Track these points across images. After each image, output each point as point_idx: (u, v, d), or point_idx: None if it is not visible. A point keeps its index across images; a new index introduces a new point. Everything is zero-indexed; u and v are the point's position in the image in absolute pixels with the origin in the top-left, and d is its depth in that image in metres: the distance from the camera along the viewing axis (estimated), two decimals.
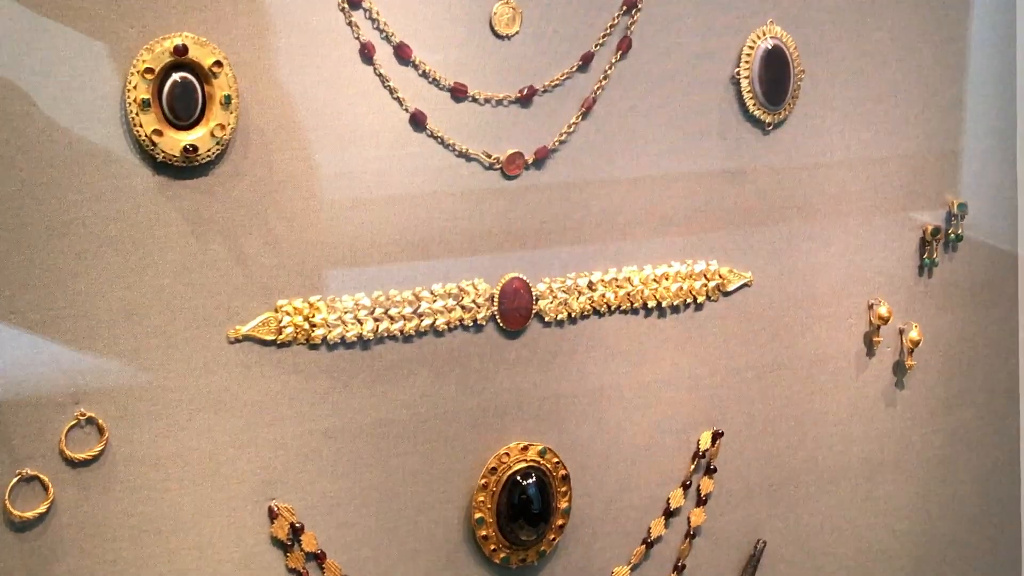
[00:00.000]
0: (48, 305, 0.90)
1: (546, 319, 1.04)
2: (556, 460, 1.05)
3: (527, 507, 1.03)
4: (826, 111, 1.13)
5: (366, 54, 0.96)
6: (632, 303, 1.07)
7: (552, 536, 1.05)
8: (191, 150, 0.91)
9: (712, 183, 1.09)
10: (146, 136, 0.90)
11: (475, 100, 1.00)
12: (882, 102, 1.15)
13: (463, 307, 1.01)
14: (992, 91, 1.21)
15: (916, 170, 1.17)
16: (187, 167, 0.92)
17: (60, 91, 0.88)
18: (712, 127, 1.08)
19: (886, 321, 1.15)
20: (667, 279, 1.08)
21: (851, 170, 1.14)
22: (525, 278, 1.03)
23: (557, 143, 1.03)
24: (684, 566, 1.11)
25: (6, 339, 0.89)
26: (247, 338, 0.95)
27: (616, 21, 1.03)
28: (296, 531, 0.98)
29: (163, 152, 0.91)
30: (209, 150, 0.92)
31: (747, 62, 1.08)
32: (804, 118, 1.12)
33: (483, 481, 1.03)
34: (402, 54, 0.97)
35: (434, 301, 1.00)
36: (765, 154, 1.11)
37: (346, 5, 0.95)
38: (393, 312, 0.99)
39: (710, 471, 1.11)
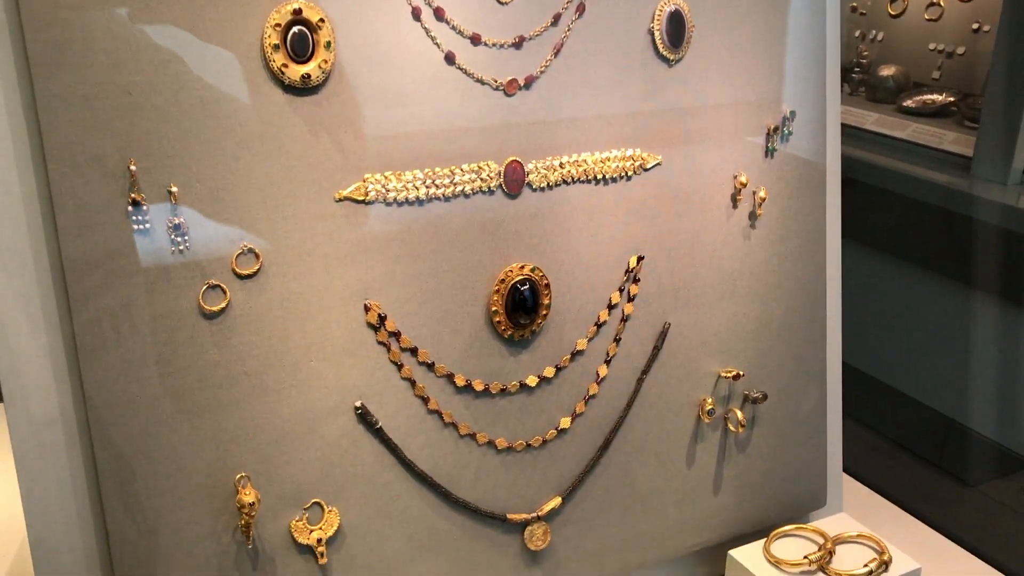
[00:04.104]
0: (221, 179, 0.86)
1: (534, 187, 1.00)
2: (541, 273, 1.02)
3: (524, 303, 1.00)
4: (708, 51, 1.07)
5: (415, 14, 0.91)
6: (587, 176, 1.03)
7: (539, 321, 1.03)
8: (306, 77, 0.87)
9: (636, 98, 1.04)
10: (277, 68, 0.86)
11: (486, 45, 0.95)
12: (744, 43, 1.10)
13: (481, 179, 0.97)
14: (807, 34, 1.16)
15: (765, 89, 1.12)
16: (304, 88, 0.87)
17: (223, 41, 0.84)
18: (636, 61, 1.03)
19: (745, 186, 1.11)
20: (609, 160, 1.03)
21: (724, 88, 1.09)
22: (520, 159, 0.99)
23: (539, 72, 0.98)
24: (620, 339, 1.09)
25: (195, 201, 0.86)
26: (346, 199, 0.91)
27: None
28: (382, 319, 0.95)
29: (288, 78, 0.86)
30: (317, 77, 0.87)
31: (658, 19, 1.02)
32: (694, 56, 1.06)
33: (496, 287, 1.00)
34: (439, 14, 0.92)
35: (463, 175, 0.96)
36: (670, 80, 1.05)
37: None
38: (437, 182, 0.95)
39: (636, 280, 1.08)
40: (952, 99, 2.61)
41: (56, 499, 0.87)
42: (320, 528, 0.95)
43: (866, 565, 1.11)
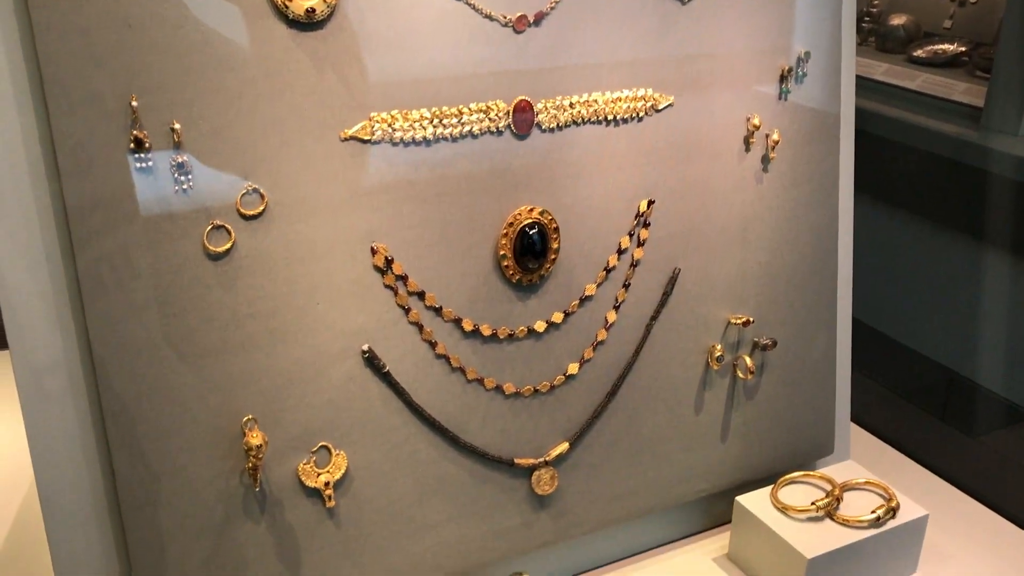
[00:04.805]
0: (224, 117, 0.84)
1: (543, 127, 0.98)
2: (550, 217, 1.00)
3: (532, 247, 0.99)
4: None
5: None
6: (598, 117, 1.01)
7: (548, 265, 1.01)
8: (311, 11, 0.84)
9: (648, 36, 1.01)
10: (281, 2, 0.83)
11: None
12: None
13: (490, 119, 0.95)
14: None
15: (780, 30, 1.09)
16: (309, 23, 0.85)
17: None
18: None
19: (758, 128, 1.09)
20: (620, 100, 1.01)
21: (738, 28, 1.06)
22: (529, 99, 0.96)
23: (549, 8, 0.95)
24: (630, 284, 1.07)
25: (198, 139, 0.84)
26: (352, 138, 0.89)
27: None
28: (388, 262, 0.94)
29: (293, 13, 0.84)
30: (322, 11, 0.85)
31: None
32: None
33: (504, 231, 0.98)
34: None
35: (471, 115, 0.94)
36: (684, 19, 1.03)
37: None
38: (445, 122, 0.93)
39: (646, 225, 1.06)
40: (964, 49, 2.57)
41: (62, 442, 0.86)
42: (328, 471, 0.94)
43: (874, 511, 1.11)
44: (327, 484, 0.94)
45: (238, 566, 0.92)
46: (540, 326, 1.03)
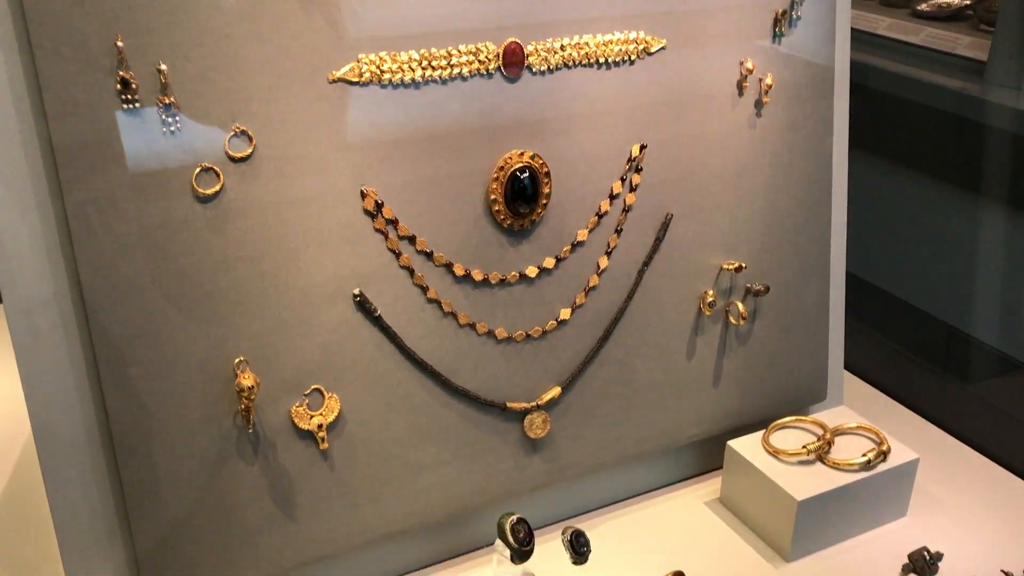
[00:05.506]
0: (211, 59, 0.83)
1: (534, 70, 0.97)
2: (541, 161, 0.99)
3: (524, 192, 0.98)
4: None
5: None
6: (589, 59, 0.99)
7: (539, 210, 1.01)
8: None
9: None
10: None
11: None
12: None
13: (479, 61, 0.94)
14: None
15: None
16: None
17: None
18: None
19: (751, 72, 1.08)
20: (611, 43, 1.00)
21: None
22: (520, 42, 0.95)
23: None
24: (622, 229, 1.07)
25: (185, 80, 0.83)
26: (340, 80, 0.89)
27: None
28: (379, 206, 0.93)
29: None
30: None
31: None
32: None
33: (495, 175, 0.98)
34: None
35: (460, 56, 0.93)
36: None
37: None
38: (434, 63, 0.92)
39: (638, 170, 1.06)
40: (968, 2, 2.53)
41: (55, 380, 0.87)
42: (321, 414, 0.95)
43: (864, 455, 1.11)
44: (320, 426, 0.94)
45: (232, 506, 0.93)
46: (532, 271, 1.02)
